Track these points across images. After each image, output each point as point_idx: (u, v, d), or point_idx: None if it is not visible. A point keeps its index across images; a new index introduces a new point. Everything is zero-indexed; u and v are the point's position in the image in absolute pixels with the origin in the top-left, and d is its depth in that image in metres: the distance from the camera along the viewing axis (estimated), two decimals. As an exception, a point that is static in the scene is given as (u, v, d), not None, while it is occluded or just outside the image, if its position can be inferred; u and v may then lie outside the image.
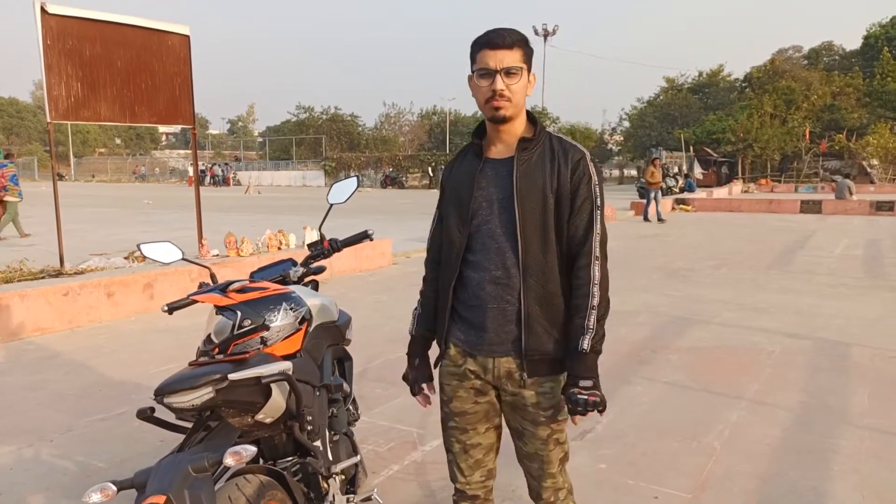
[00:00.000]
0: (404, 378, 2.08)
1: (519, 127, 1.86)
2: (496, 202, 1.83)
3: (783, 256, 10.66)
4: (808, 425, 3.69)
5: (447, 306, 1.91)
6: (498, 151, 1.88)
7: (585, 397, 1.71)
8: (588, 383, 1.73)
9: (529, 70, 1.82)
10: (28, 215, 17.91)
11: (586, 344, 1.75)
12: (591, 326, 1.76)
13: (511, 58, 1.76)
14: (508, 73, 1.76)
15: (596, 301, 1.78)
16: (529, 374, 1.83)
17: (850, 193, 21.26)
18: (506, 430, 2.01)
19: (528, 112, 1.88)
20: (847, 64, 47.09)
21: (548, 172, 1.81)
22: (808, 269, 9.31)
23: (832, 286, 7.95)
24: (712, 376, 4.54)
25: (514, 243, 1.79)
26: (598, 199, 1.82)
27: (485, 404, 1.94)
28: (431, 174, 39.88)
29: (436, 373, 2.05)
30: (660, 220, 16.79)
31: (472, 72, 1.82)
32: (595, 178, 1.82)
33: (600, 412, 1.74)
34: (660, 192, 17.28)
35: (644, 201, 17.85)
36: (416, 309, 2.11)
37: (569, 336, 1.80)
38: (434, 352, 2.01)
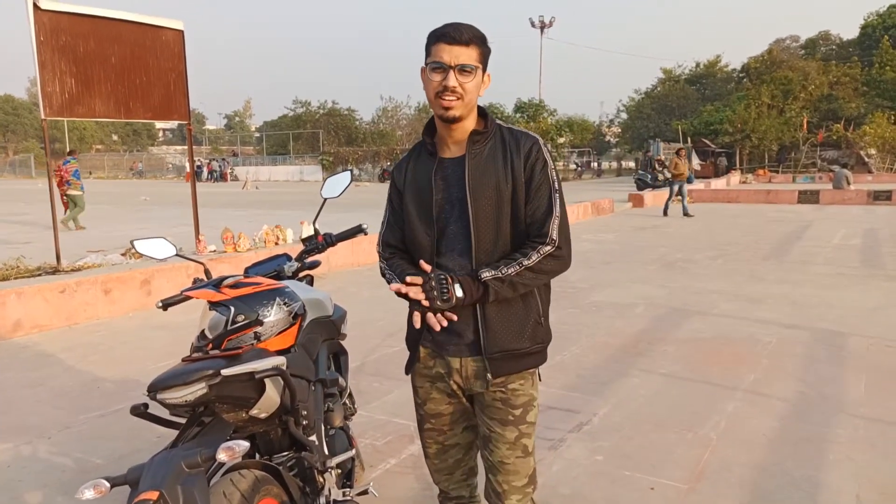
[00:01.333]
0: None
1: (470, 124, 1.82)
2: (456, 203, 1.80)
3: (781, 247, 10.67)
4: (804, 415, 3.70)
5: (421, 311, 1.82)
6: (451, 150, 1.84)
7: (445, 288, 1.66)
8: (457, 287, 1.68)
9: (485, 70, 1.78)
10: (25, 212, 17.88)
11: (486, 275, 1.70)
12: (505, 273, 1.70)
13: (467, 55, 1.71)
14: (462, 70, 1.71)
15: (528, 263, 1.72)
16: (494, 373, 1.80)
17: (848, 183, 21.28)
18: None
19: (478, 107, 1.83)
20: (845, 53, 47.01)
21: (500, 166, 1.78)
22: (806, 259, 9.32)
23: (829, 276, 7.96)
24: (709, 367, 4.55)
25: (469, 243, 1.78)
26: (556, 183, 1.79)
27: (458, 405, 1.93)
28: None
29: (409, 377, 2.05)
30: (686, 214, 15.65)
31: (426, 64, 1.76)
32: (550, 162, 1.81)
33: (437, 297, 1.67)
34: (685, 185, 16.26)
35: (642, 193, 17.74)
36: (386, 271, 1.96)
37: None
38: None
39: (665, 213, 16.03)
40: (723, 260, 9.32)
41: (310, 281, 2.68)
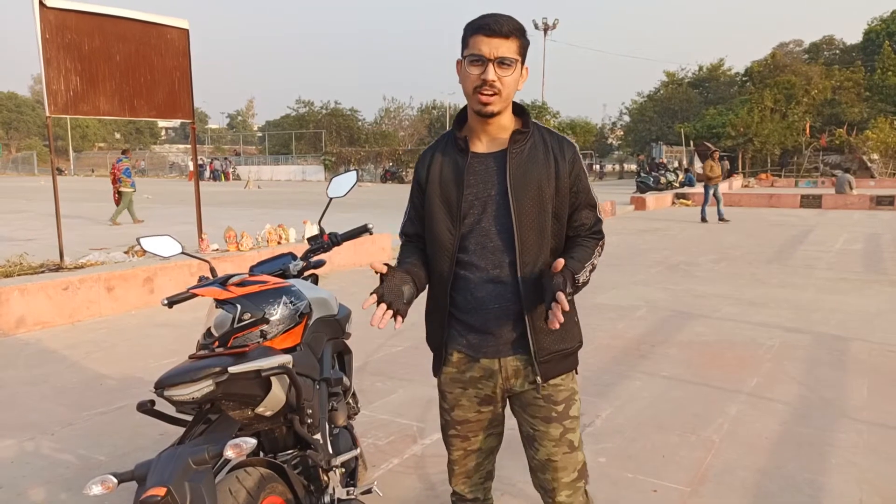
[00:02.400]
0: (373, 292, 1.73)
1: (506, 119, 1.77)
2: (489, 200, 1.75)
3: (783, 251, 10.66)
4: (806, 419, 3.70)
5: (444, 312, 1.81)
6: (484, 145, 1.79)
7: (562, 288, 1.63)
8: (569, 291, 1.66)
9: (523, 63, 1.72)
10: (27, 209, 17.91)
11: (580, 279, 1.72)
12: (588, 276, 1.76)
13: (506, 47, 1.64)
14: (502, 63, 1.65)
15: (596, 262, 1.79)
16: (544, 376, 1.77)
17: (851, 188, 21.24)
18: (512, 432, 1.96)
19: (514, 103, 1.79)
20: (848, 58, 46.97)
21: (542, 166, 1.74)
22: (808, 263, 9.32)
23: (832, 281, 7.96)
24: (711, 370, 4.55)
25: (510, 241, 1.73)
26: (593, 191, 1.85)
27: (488, 413, 1.87)
28: None
29: (436, 381, 1.96)
30: (721, 219, 15.04)
31: (463, 57, 1.70)
32: (586, 170, 1.84)
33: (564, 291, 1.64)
34: (719, 189, 15.46)
35: (643, 196, 17.59)
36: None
37: (549, 260, 1.75)
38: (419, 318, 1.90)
39: (703, 220, 15.13)
40: (725, 263, 9.32)
41: (314, 280, 2.69)
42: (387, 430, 3.56)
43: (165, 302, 2.17)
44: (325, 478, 2.13)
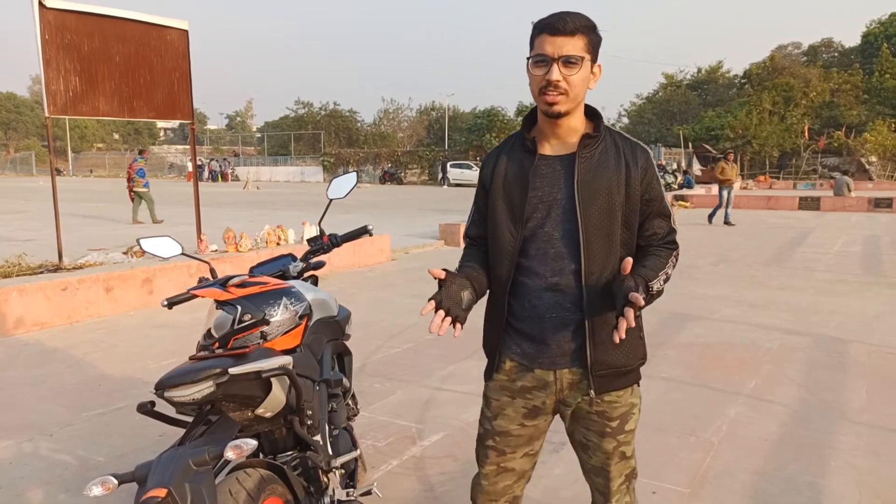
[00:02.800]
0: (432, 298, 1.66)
1: (577, 121, 1.70)
2: (554, 204, 1.68)
3: (782, 253, 10.68)
4: (805, 421, 3.71)
5: (501, 318, 1.76)
6: (552, 147, 1.73)
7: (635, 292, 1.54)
8: (642, 295, 1.56)
9: (594, 60, 1.66)
10: (26, 210, 17.89)
11: (654, 287, 1.64)
12: (662, 285, 1.68)
13: (571, 45, 1.59)
14: (567, 62, 1.59)
15: (670, 272, 1.72)
16: (597, 390, 1.70)
17: (849, 190, 21.29)
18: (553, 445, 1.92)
19: (586, 105, 1.73)
20: (846, 61, 47.11)
21: (613, 172, 1.68)
22: (807, 265, 9.33)
23: (830, 283, 7.97)
24: (711, 372, 4.55)
25: (575, 248, 1.66)
26: (667, 201, 1.79)
27: (531, 428, 1.79)
28: (442, 172, 39.41)
29: (484, 386, 1.88)
30: (727, 222, 14.72)
31: (528, 58, 1.65)
32: (658, 175, 1.77)
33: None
34: (731, 192, 15.05)
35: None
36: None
37: (615, 269, 1.67)
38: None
39: (729, 223, 14.75)
40: (724, 265, 9.33)
41: (314, 281, 2.69)
42: (386, 431, 3.55)
43: (165, 303, 2.17)
44: (325, 479, 2.13)
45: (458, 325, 1.65)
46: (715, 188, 24.11)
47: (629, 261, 1.58)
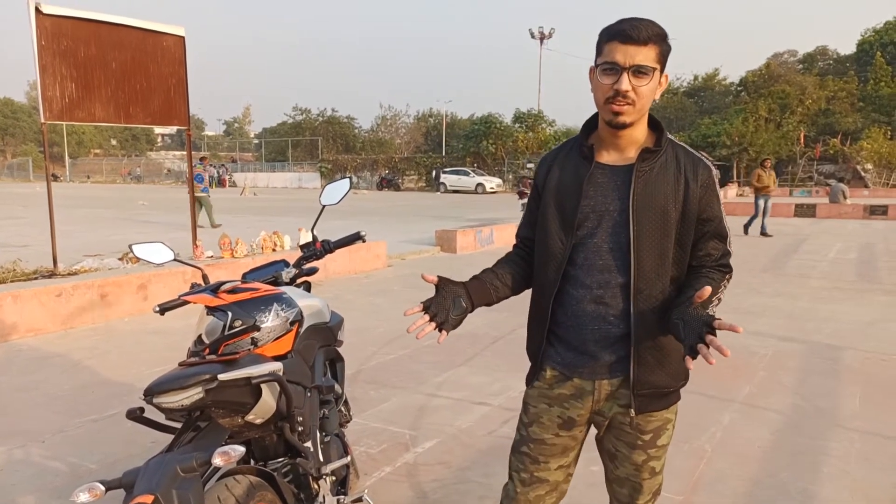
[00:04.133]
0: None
1: (639, 132, 1.65)
2: (606, 214, 1.64)
3: (777, 260, 10.70)
4: (799, 428, 3.71)
5: (544, 324, 1.73)
6: (611, 156, 1.68)
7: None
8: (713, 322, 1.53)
9: (663, 70, 1.59)
10: (22, 216, 17.86)
11: (712, 311, 1.61)
12: (714, 310, 1.65)
13: (644, 55, 1.53)
14: (638, 72, 1.53)
15: (722, 297, 1.68)
16: (638, 410, 1.67)
17: (844, 197, 21.39)
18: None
19: (650, 116, 1.67)
20: (842, 68, 47.34)
21: (671, 187, 1.62)
22: (802, 272, 9.35)
23: (826, 290, 7.98)
24: (705, 379, 4.55)
25: (624, 262, 1.62)
26: (725, 221, 1.72)
27: (566, 438, 1.76)
28: (435, 177, 39.59)
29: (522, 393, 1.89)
30: (763, 233, 13.95)
31: (596, 65, 1.59)
32: (721, 195, 1.70)
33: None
34: (769, 201, 14.16)
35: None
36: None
37: (666, 286, 1.64)
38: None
39: (745, 232, 14.10)
40: (719, 272, 9.33)
41: (307, 287, 2.69)
42: (379, 438, 3.54)
43: (157, 309, 2.16)
44: (316, 486, 2.13)
45: (443, 332, 1.66)
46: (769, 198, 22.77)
47: (707, 290, 1.53)
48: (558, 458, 1.78)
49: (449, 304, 1.67)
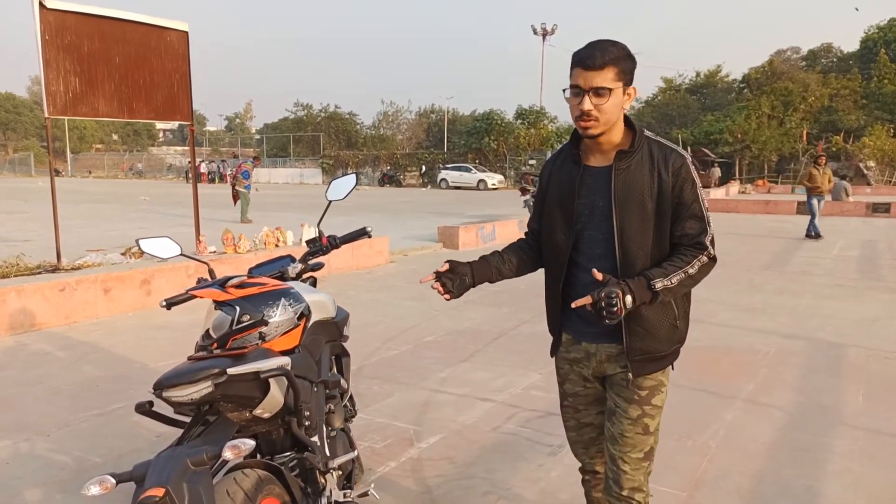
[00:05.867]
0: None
1: (615, 136, 1.89)
2: (596, 210, 1.90)
3: (779, 257, 10.70)
4: (802, 425, 3.71)
5: (557, 303, 2.02)
6: (596, 160, 1.94)
7: (614, 303, 1.70)
8: (628, 299, 1.74)
9: (628, 83, 1.83)
10: (24, 210, 17.87)
11: (659, 285, 1.79)
12: (673, 282, 1.81)
13: (601, 78, 1.77)
14: (597, 93, 1.78)
15: (692, 272, 1.84)
16: (635, 373, 1.91)
17: (847, 195, 21.33)
18: None
19: (626, 118, 1.90)
20: (845, 66, 47.19)
21: (646, 180, 1.85)
22: (805, 270, 9.35)
23: (828, 287, 7.98)
24: (708, 376, 4.56)
25: (611, 249, 1.88)
26: (705, 202, 1.90)
27: (592, 388, 2.06)
28: (425, 174, 39.85)
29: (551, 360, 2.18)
30: (815, 234, 12.95)
31: (564, 88, 1.86)
32: (698, 181, 1.89)
33: (605, 316, 1.72)
34: (822, 202, 13.28)
35: None
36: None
37: (649, 267, 1.85)
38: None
39: (818, 235, 12.93)
40: (721, 269, 9.30)
41: (313, 282, 2.69)
42: (383, 433, 3.55)
43: (164, 303, 2.17)
44: (322, 480, 2.13)
45: (447, 295, 2.04)
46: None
47: (596, 273, 1.80)
48: (595, 404, 2.09)
49: (457, 280, 2.03)
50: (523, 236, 2.26)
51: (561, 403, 2.18)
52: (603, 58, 1.76)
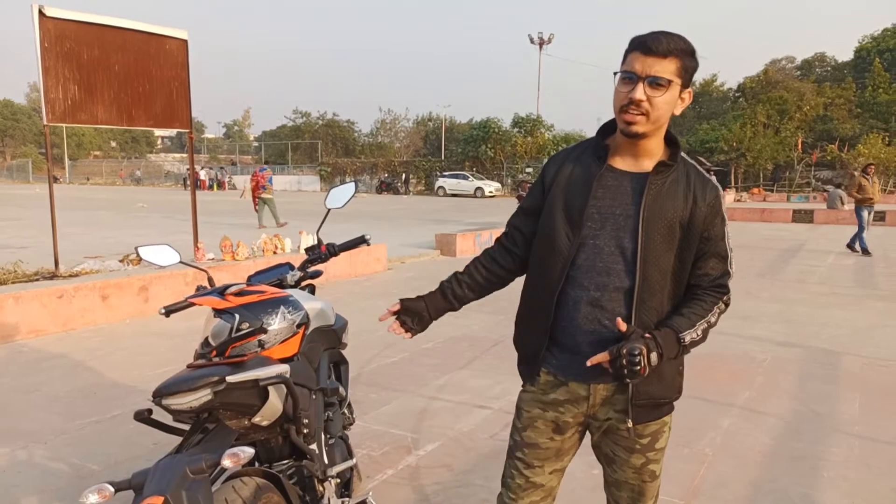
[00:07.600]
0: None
1: (654, 145, 1.66)
2: (611, 217, 1.65)
3: (775, 265, 10.73)
4: (798, 433, 3.72)
5: (546, 323, 1.71)
6: (625, 163, 1.68)
7: (637, 361, 1.50)
8: (654, 356, 1.54)
9: (686, 85, 1.61)
10: (22, 217, 17.84)
11: (687, 338, 1.62)
12: (699, 335, 1.65)
13: (661, 67, 1.55)
14: (654, 83, 1.55)
15: (713, 321, 1.68)
16: (636, 420, 1.68)
17: (842, 203, 21.39)
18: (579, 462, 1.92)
19: (668, 131, 1.68)
20: (839, 75, 47.52)
21: (680, 203, 1.64)
22: (800, 277, 9.38)
23: (824, 295, 8.01)
24: (704, 384, 4.57)
25: (627, 268, 1.63)
26: (730, 241, 1.73)
27: (559, 442, 1.76)
28: (405, 184, 40.30)
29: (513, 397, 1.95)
30: (864, 250, 11.97)
31: (616, 73, 1.62)
32: (726, 217, 1.72)
33: (626, 375, 1.54)
34: (872, 213, 12.44)
35: None
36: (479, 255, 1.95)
37: (672, 316, 1.65)
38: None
39: (866, 251, 11.96)
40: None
41: (311, 290, 2.70)
42: (381, 440, 3.56)
43: (163, 311, 2.18)
44: (321, 488, 2.14)
45: (409, 333, 1.92)
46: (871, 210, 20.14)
47: (621, 324, 1.57)
48: (553, 462, 1.79)
49: (415, 318, 1.91)
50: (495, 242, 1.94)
51: (511, 454, 1.81)
52: (668, 45, 1.54)
